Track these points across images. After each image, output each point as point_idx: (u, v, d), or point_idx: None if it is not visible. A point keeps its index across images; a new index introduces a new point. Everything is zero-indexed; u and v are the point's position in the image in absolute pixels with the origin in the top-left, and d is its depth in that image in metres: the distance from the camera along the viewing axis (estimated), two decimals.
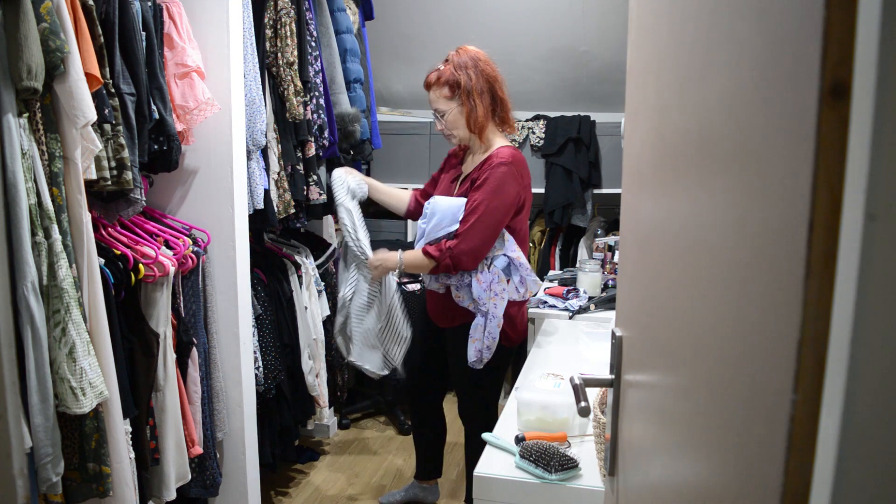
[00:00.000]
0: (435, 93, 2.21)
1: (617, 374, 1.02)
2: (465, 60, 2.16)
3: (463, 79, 2.15)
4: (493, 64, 2.21)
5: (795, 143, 0.42)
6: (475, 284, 2.16)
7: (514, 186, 2.14)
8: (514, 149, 2.21)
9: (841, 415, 0.39)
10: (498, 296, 2.16)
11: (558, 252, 3.68)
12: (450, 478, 2.98)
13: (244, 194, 2.17)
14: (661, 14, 0.78)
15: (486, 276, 2.16)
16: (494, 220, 2.12)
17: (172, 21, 1.92)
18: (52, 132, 1.52)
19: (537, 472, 1.49)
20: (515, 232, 2.21)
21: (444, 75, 2.17)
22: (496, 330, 2.16)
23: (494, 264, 2.17)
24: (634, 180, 0.94)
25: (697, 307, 0.63)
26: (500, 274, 2.17)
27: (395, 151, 3.79)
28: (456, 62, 2.17)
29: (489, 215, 2.11)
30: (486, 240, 2.13)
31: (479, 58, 2.18)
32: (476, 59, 2.17)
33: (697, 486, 0.62)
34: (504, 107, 2.22)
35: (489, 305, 2.15)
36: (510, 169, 2.13)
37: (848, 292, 0.39)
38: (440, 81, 2.18)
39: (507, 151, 2.17)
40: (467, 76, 2.15)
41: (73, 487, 1.62)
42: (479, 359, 2.20)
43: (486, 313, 2.16)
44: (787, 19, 0.45)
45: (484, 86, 2.16)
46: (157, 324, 1.91)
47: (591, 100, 3.83)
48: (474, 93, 2.15)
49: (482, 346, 2.18)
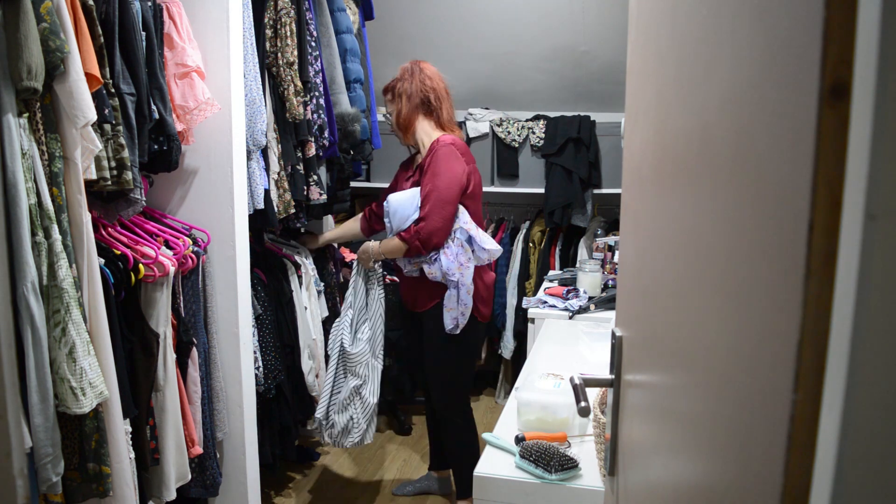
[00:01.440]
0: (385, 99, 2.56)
1: (617, 374, 1.02)
2: (410, 68, 2.49)
3: (398, 85, 2.49)
4: (439, 80, 2.49)
5: (795, 144, 0.42)
6: (443, 258, 2.36)
7: (457, 164, 2.35)
8: (454, 137, 2.43)
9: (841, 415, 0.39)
10: (464, 265, 2.37)
11: (558, 252, 3.68)
12: None
13: (244, 194, 2.17)
14: (661, 14, 0.78)
15: (452, 249, 2.36)
16: (448, 196, 2.33)
17: (172, 21, 1.92)
18: (52, 132, 1.52)
19: (537, 472, 1.49)
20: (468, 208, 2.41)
21: (388, 83, 2.53)
22: (467, 297, 2.38)
23: (457, 236, 2.37)
24: (634, 180, 0.94)
25: (697, 307, 0.63)
26: (463, 244, 2.38)
27: (396, 151, 3.76)
28: (401, 72, 2.51)
29: (442, 192, 2.32)
30: (446, 216, 2.33)
31: (424, 70, 2.48)
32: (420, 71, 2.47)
33: (697, 486, 0.62)
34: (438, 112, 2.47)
35: (457, 275, 2.35)
36: (449, 149, 2.35)
37: (848, 292, 0.39)
38: (385, 88, 2.55)
39: (447, 138, 2.40)
40: (402, 81, 2.48)
41: (73, 487, 1.62)
42: (456, 325, 2.40)
43: (457, 283, 2.36)
44: (787, 19, 0.45)
45: (416, 90, 2.44)
46: (157, 324, 1.91)
47: (591, 100, 3.83)
48: (403, 94, 2.46)
49: (457, 313, 2.39)
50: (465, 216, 2.39)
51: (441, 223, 2.32)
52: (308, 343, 2.70)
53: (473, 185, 2.42)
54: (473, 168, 2.43)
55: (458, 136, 2.51)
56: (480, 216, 2.50)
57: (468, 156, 2.42)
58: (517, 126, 3.70)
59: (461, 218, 2.39)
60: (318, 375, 2.78)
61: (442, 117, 2.49)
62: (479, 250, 2.40)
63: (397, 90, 2.48)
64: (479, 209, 2.49)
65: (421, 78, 2.47)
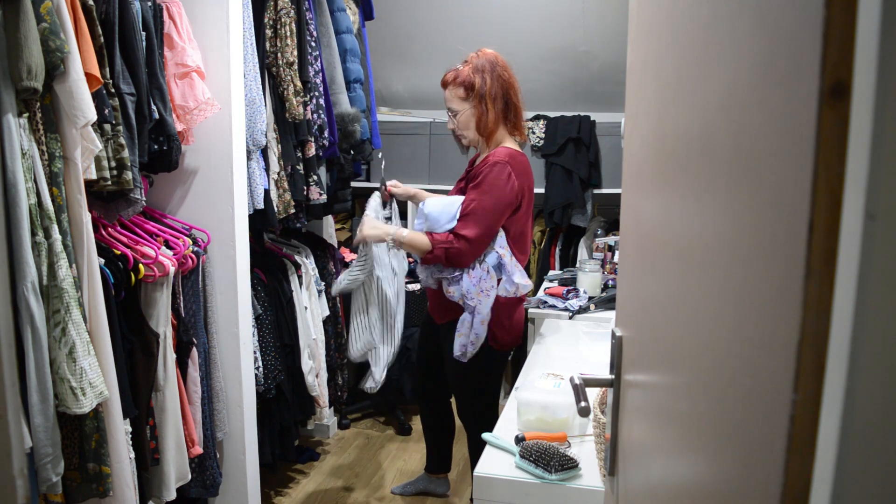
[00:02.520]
0: (450, 92, 2.22)
1: (617, 374, 1.02)
2: (484, 63, 2.18)
3: (478, 82, 2.16)
4: (511, 70, 2.22)
5: (795, 143, 0.42)
6: (465, 279, 2.17)
7: (508, 184, 2.13)
8: (514, 150, 2.20)
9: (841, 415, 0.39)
10: (484, 292, 2.17)
11: (558, 252, 3.68)
12: (450, 477, 2.98)
13: (244, 194, 2.17)
14: (661, 14, 0.78)
15: (477, 271, 2.16)
16: (489, 218, 2.13)
17: (172, 21, 1.92)
18: (52, 132, 1.52)
19: (537, 472, 1.49)
20: (509, 231, 2.21)
21: (461, 76, 2.19)
22: (481, 327, 2.18)
23: (486, 261, 2.17)
24: (634, 180, 0.94)
25: (697, 307, 0.63)
26: (490, 270, 2.17)
27: (395, 151, 3.79)
28: (474, 64, 2.19)
29: (482, 213, 2.12)
30: (480, 238, 2.13)
31: (498, 62, 2.19)
32: (494, 64, 2.18)
33: (697, 486, 0.62)
34: (517, 113, 2.23)
35: (476, 301, 2.16)
36: (504, 167, 2.13)
37: (848, 292, 0.39)
38: (456, 81, 2.20)
39: (505, 151, 2.17)
40: (483, 80, 2.16)
41: (73, 487, 1.62)
42: (463, 353, 2.22)
43: (473, 309, 2.17)
44: (786, 19, 0.45)
45: (498, 91, 2.17)
46: (157, 324, 1.91)
47: (591, 100, 3.83)
48: (487, 97, 2.16)
49: (466, 341, 2.20)
50: (503, 240, 2.18)
51: (473, 243, 2.12)
52: (308, 343, 2.70)
53: (523, 206, 2.20)
54: (526, 184, 2.20)
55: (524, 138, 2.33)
56: (525, 236, 2.27)
57: (524, 171, 2.20)
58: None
59: (497, 241, 2.18)
60: (318, 375, 2.78)
61: (519, 118, 2.25)
62: (507, 281, 2.18)
63: (478, 91, 2.16)
64: (523, 229, 2.25)
65: (499, 73, 2.18)
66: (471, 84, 2.17)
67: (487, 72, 2.16)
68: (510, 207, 2.16)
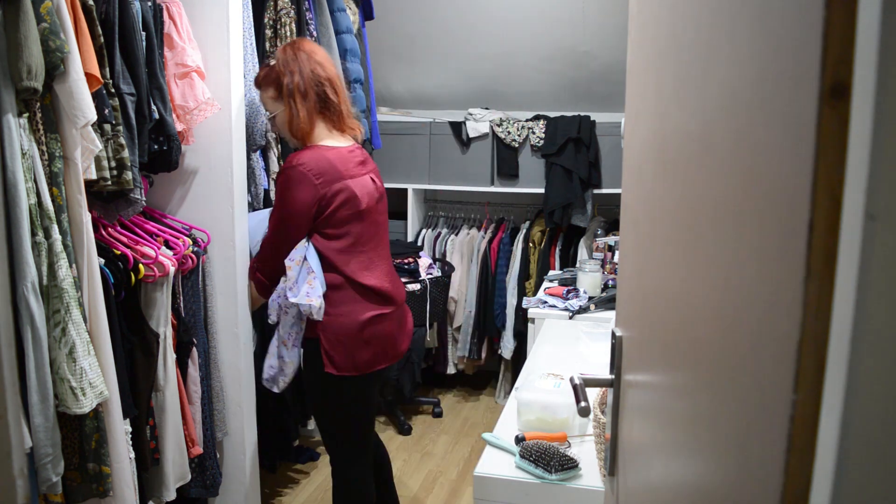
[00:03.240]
0: (262, 94, 2.01)
1: (617, 374, 1.02)
2: (290, 56, 1.92)
3: (286, 79, 1.91)
4: (326, 59, 1.98)
5: (795, 143, 0.42)
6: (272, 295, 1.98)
7: (289, 192, 1.87)
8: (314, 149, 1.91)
9: (841, 415, 0.39)
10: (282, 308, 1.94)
11: (558, 252, 3.68)
12: (450, 478, 2.98)
13: (244, 194, 2.17)
14: (661, 14, 0.78)
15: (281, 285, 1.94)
16: (280, 229, 1.92)
17: (172, 21, 1.92)
18: (52, 132, 1.52)
19: (537, 472, 1.49)
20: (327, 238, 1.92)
21: (272, 74, 1.94)
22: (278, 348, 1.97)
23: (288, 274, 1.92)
24: (634, 180, 0.94)
25: (697, 307, 0.63)
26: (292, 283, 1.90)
27: (396, 151, 3.79)
28: (280, 59, 1.94)
29: (270, 230, 1.97)
30: (274, 251, 1.94)
31: (304, 50, 1.94)
32: (301, 54, 1.93)
33: (697, 486, 0.62)
34: (335, 107, 1.96)
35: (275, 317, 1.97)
36: (292, 172, 1.86)
37: (848, 292, 0.39)
38: (267, 80, 1.96)
39: (298, 154, 1.90)
40: (290, 76, 1.91)
41: (73, 487, 1.62)
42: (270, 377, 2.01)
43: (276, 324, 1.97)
44: (787, 19, 0.45)
45: (308, 85, 1.91)
46: (157, 324, 1.92)
47: (591, 100, 3.83)
48: (296, 93, 1.90)
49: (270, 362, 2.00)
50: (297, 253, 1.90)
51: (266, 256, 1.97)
52: None
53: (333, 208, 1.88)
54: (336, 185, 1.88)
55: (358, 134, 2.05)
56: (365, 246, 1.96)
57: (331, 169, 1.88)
58: (517, 126, 3.70)
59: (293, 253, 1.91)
60: None
61: (340, 113, 1.98)
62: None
63: (286, 86, 1.91)
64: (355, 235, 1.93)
65: (307, 65, 1.91)
66: (279, 83, 1.92)
67: (294, 65, 1.90)
68: (302, 216, 1.88)
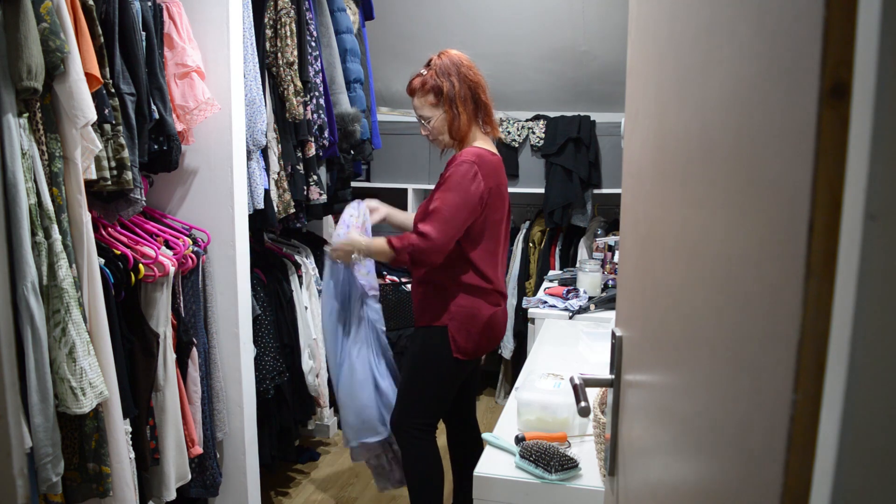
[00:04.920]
0: (419, 100, 2.18)
1: (617, 374, 1.02)
2: (448, 66, 2.13)
3: (446, 86, 2.11)
4: (476, 68, 2.18)
5: (795, 143, 0.42)
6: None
7: (474, 183, 2.07)
8: (484, 150, 2.14)
9: (841, 415, 0.39)
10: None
11: (558, 252, 3.68)
12: (450, 477, 2.98)
13: (244, 194, 2.17)
14: (661, 14, 0.78)
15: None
16: (453, 215, 2.06)
17: (172, 21, 1.92)
18: (52, 132, 1.52)
19: (537, 472, 1.49)
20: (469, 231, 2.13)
21: (429, 82, 2.14)
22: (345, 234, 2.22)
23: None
24: (634, 180, 0.94)
25: (697, 307, 0.63)
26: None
27: (395, 151, 3.79)
28: (439, 68, 2.13)
29: (447, 210, 2.06)
30: (444, 236, 2.07)
31: (462, 62, 2.14)
32: (458, 65, 2.13)
33: (697, 486, 0.62)
34: (487, 111, 2.19)
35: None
36: (470, 167, 2.07)
37: (848, 292, 0.39)
38: (425, 88, 2.15)
39: (473, 151, 2.12)
40: (450, 83, 2.11)
41: (73, 487, 1.62)
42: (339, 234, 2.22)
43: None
44: (787, 19, 0.45)
45: (467, 92, 2.13)
46: (157, 324, 1.91)
47: (591, 100, 3.83)
48: (458, 100, 2.11)
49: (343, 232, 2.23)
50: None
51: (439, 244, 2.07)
52: (308, 343, 2.71)
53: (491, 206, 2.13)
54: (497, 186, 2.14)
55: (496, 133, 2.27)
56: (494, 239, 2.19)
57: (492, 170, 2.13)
58: (517, 126, 3.70)
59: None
60: (318, 375, 2.78)
61: (489, 115, 2.20)
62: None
63: (447, 95, 2.11)
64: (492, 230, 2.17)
65: (465, 73, 2.13)
66: (439, 89, 2.12)
67: (454, 74, 2.12)
68: (476, 206, 2.10)
